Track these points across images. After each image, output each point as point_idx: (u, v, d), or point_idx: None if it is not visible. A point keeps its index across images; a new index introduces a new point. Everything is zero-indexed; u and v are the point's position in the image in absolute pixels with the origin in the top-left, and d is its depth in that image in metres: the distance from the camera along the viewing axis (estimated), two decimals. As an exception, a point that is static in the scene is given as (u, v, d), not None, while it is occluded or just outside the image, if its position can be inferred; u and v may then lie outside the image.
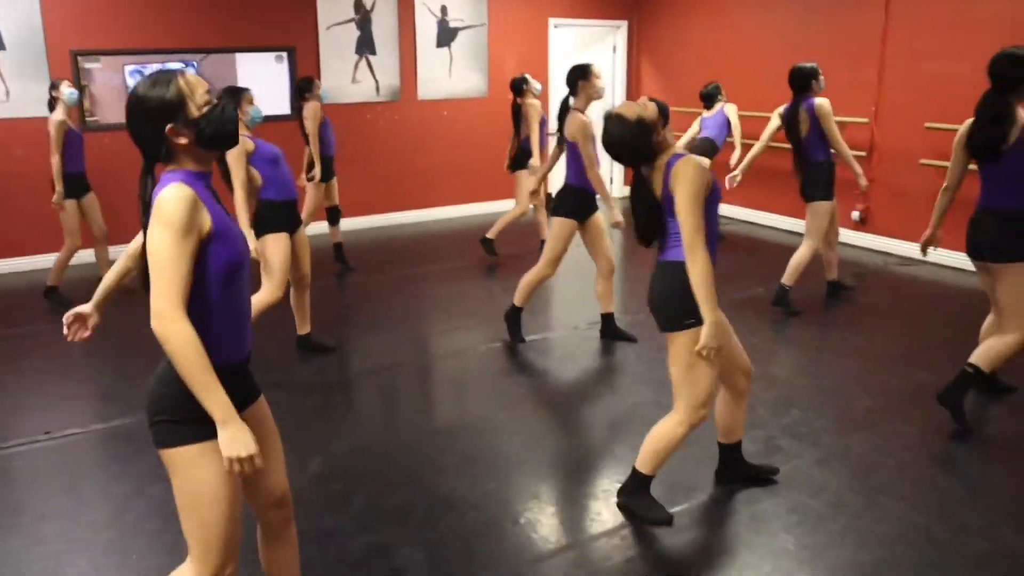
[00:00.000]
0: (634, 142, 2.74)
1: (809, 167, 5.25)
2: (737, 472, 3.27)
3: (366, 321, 5.52)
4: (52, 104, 5.72)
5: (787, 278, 5.30)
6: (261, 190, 4.37)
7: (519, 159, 6.90)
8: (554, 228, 4.73)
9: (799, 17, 7.48)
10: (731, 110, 7.22)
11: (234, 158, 4.23)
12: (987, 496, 3.21)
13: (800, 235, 7.24)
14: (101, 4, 6.89)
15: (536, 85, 6.83)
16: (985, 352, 3.66)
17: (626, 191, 9.46)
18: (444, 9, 8.28)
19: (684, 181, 2.64)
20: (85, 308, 2.28)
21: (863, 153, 6.95)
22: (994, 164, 3.55)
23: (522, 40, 8.80)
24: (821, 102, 5.10)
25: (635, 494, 3.05)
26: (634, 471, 3.03)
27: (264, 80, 7.64)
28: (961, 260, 6.37)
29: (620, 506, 3.09)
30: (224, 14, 7.37)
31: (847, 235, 7.20)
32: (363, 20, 7.89)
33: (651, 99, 2.86)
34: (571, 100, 4.76)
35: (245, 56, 7.88)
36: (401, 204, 8.54)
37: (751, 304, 5.56)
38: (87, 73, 7.02)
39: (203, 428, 1.88)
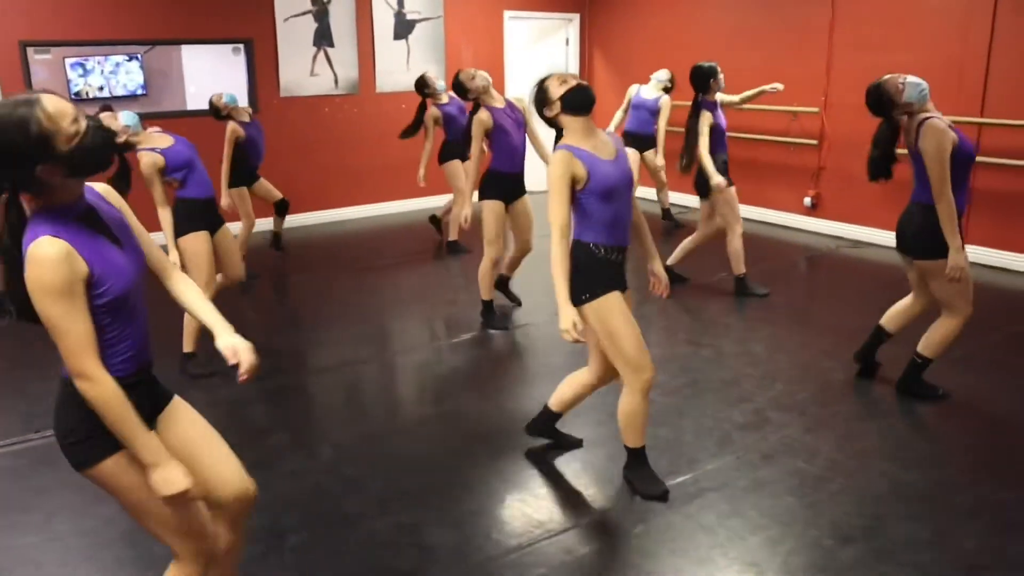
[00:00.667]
0: None
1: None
2: (546, 432, 3.47)
3: (339, 314, 5.52)
4: None
5: (735, 268, 5.51)
6: (178, 190, 4.33)
7: (447, 151, 6.92)
8: (484, 212, 4.94)
9: (750, 10, 7.71)
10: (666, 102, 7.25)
11: (148, 180, 4.18)
12: (967, 453, 3.43)
13: (767, 224, 7.54)
14: (51, -5, 6.71)
15: (439, 84, 6.85)
16: (928, 339, 3.81)
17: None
18: (401, 1, 8.27)
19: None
20: None
21: (814, 141, 7.23)
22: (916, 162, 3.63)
23: (478, 32, 8.86)
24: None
25: (634, 468, 3.16)
26: (626, 448, 3.16)
27: (216, 72, 7.54)
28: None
29: (625, 479, 3.20)
30: (179, 5, 7.24)
31: (800, 220, 7.48)
32: (320, 12, 7.83)
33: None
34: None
35: (192, 48, 7.76)
36: (360, 198, 8.51)
37: (721, 288, 5.74)
38: (36, 65, 6.83)
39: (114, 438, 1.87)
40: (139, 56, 8.07)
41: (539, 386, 4.29)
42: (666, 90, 7.22)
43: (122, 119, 4.25)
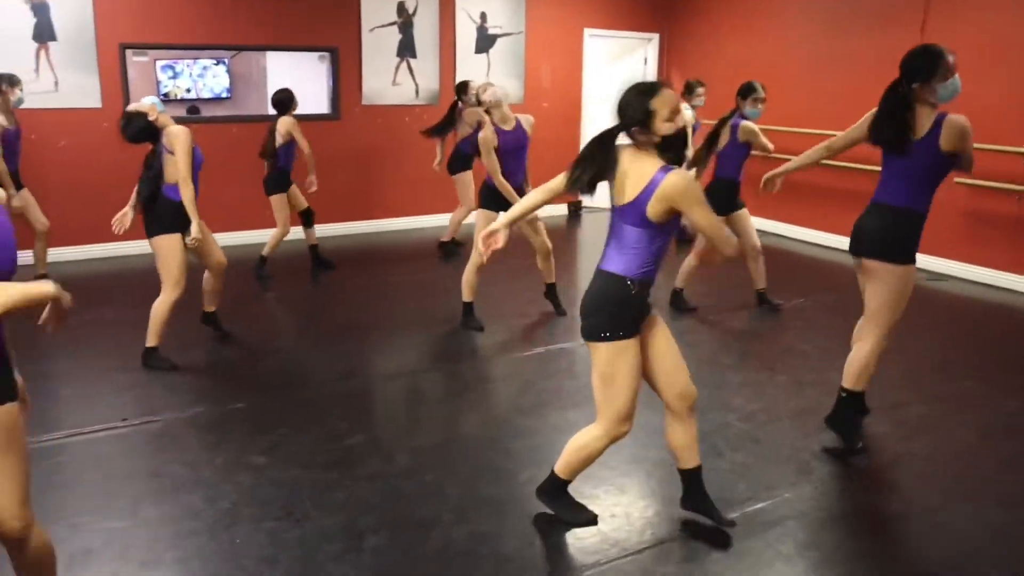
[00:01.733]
0: None
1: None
2: (694, 502, 3.04)
3: (410, 320, 5.58)
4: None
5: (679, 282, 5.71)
6: (165, 189, 4.46)
7: (456, 162, 7.09)
8: (478, 219, 5.24)
9: (834, 34, 7.60)
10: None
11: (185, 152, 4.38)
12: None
13: (824, 247, 7.39)
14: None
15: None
16: (847, 372, 3.62)
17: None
18: (484, 16, 8.37)
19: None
20: None
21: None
22: (899, 156, 3.40)
23: (558, 49, 8.91)
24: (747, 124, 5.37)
25: (554, 496, 3.05)
26: (552, 474, 3.02)
27: (300, 79, 7.71)
28: (992, 276, 6.52)
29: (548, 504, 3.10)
30: (266, 13, 7.42)
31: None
32: (405, 24, 7.97)
33: None
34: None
35: (277, 55, 7.96)
36: (436, 207, 8.60)
37: (798, 314, 5.66)
38: (132, 67, 7.08)
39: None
40: (226, 60, 8.30)
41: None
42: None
43: (145, 101, 4.53)
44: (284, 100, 6.31)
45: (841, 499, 3.28)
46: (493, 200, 5.12)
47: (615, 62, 9.58)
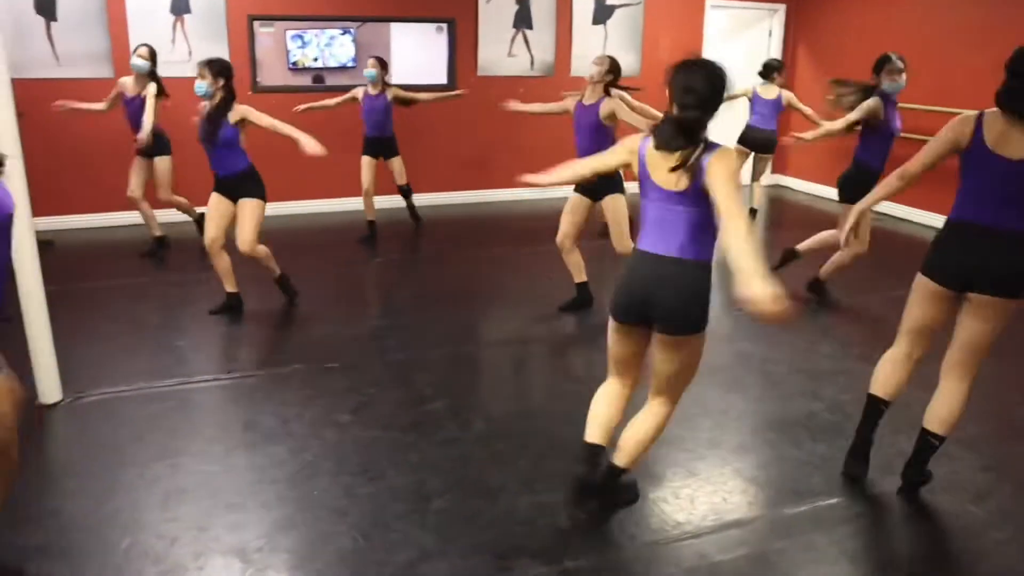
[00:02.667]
0: None
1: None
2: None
3: (516, 289, 5.67)
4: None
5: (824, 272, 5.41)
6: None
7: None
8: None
9: (975, 5, 7.10)
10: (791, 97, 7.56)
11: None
12: None
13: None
14: (279, -28, 7.25)
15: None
16: (940, 417, 3.12)
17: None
18: (602, -14, 8.29)
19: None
20: None
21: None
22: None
23: (678, 21, 8.72)
24: None
25: (616, 489, 2.99)
26: (614, 468, 2.91)
27: (420, 49, 7.88)
28: None
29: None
30: (389, -16, 7.61)
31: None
32: (522, -6, 8.00)
33: None
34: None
35: (400, 25, 8.12)
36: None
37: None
38: (257, 37, 7.41)
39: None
40: (352, 31, 8.55)
41: (707, 387, 4.24)
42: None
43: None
44: None
45: (921, 502, 3.15)
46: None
47: (737, 35, 9.29)
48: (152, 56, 6.06)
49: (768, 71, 7.55)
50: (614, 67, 4.98)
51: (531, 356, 4.63)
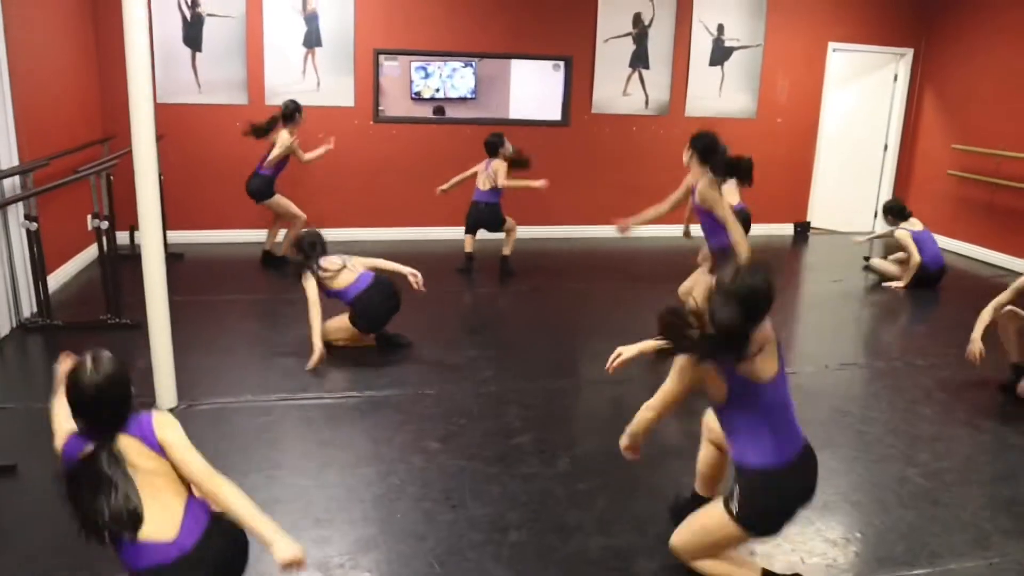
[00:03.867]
0: None
1: None
2: None
3: (607, 328, 5.71)
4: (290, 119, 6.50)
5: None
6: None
7: None
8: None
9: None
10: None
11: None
12: None
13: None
14: (401, 9, 7.59)
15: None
16: None
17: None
18: (721, 28, 8.29)
19: None
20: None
21: None
22: None
23: (798, 64, 8.62)
24: None
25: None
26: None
27: (537, 85, 8.07)
28: None
29: None
30: (507, 22, 7.85)
31: None
32: (640, 34, 8.09)
33: None
34: None
35: (519, 62, 8.33)
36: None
37: None
38: (382, 70, 7.77)
39: None
40: (474, 63, 8.82)
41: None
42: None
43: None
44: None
45: (1016, 580, 3.01)
46: None
47: (860, 78, 9.10)
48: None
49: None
50: (698, 147, 4.83)
51: (624, 396, 4.64)
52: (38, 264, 5.10)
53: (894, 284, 6.90)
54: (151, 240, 3.89)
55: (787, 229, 9.07)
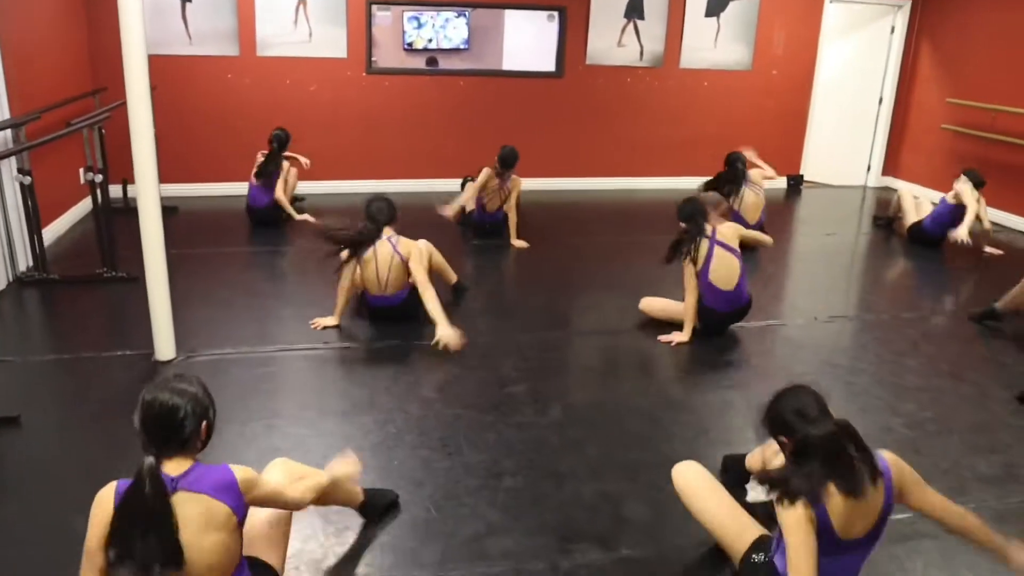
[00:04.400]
0: None
1: None
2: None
3: (602, 281, 5.77)
4: None
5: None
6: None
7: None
8: None
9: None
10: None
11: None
12: None
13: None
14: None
15: None
16: None
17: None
18: (718, -23, 8.21)
19: None
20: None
21: None
22: None
23: (794, 15, 8.54)
24: None
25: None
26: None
27: (531, 36, 8.01)
28: None
29: None
30: (505, -29, 7.75)
31: None
32: (635, -16, 8.01)
33: None
34: None
35: (513, 12, 8.24)
36: (647, 170, 8.67)
37: (1010, 320, 5.23)
38: (375, 20, 7.69)
39: None
40: (467, 13, 8.72)
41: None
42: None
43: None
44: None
45: (993, 528, 3.10)
46: None
47: (857, 30, 9.03)
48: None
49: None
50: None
51: (617, 347, 4.72)
52: (33, 218, 5.11)
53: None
54: (147, 193, 3.91)
55: (781, 182, 9.09)
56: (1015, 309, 5.03)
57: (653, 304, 4.94)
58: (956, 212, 6.53)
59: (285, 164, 6.60)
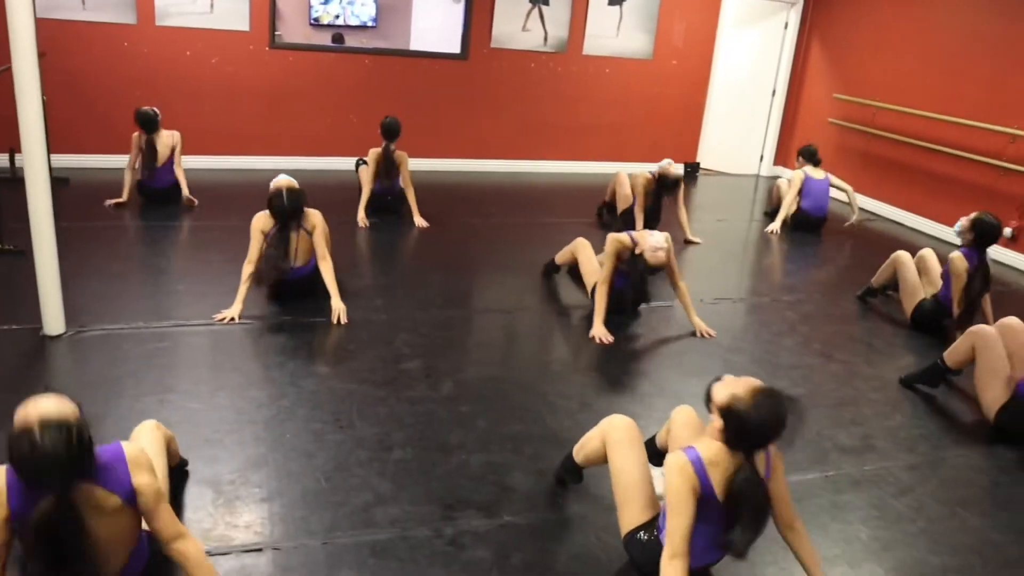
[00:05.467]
0: None
1: None
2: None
3: (500, 262, 5.91)
4: None
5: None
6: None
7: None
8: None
9: (988, 16, 7.14)
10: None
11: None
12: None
13: (940, 241, 7.13)
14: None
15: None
16: None
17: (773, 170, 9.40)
18: (621, -33, 8.40)
19: None
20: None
21: (1027, 169, 6.73)
22: None
23: (694, 7, 8.83)
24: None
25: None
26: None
27: (438, 17, 8.04)
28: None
29: None
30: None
31: (997, 251, 7.02)
32: (541, -30, 8.13)
33: None
34: None
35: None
36: (548, 153, 8.85)
37: (881, 303, 5.62)
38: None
39: None
40: (374, -8, 8.63)
41: (668, 370, 4.47)
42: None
43: (282, 177, 4.75)
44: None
45: (847, 492, 3.40)
46: None
47: (754, 24, 9.40)
48: None
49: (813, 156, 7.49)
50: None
51: (511, 325, 4.87)
52: (-89, 185, 4.91)
53: (771, 228, 7.31)
54: (35, 163, 3.82)
55: (677, 169, 9.39)
56: (884, 284, 5.56)
57: (585, 254, 5.19)
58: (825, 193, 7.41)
59: (176, 136, 6.43)
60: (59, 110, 6.84)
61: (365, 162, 6.60)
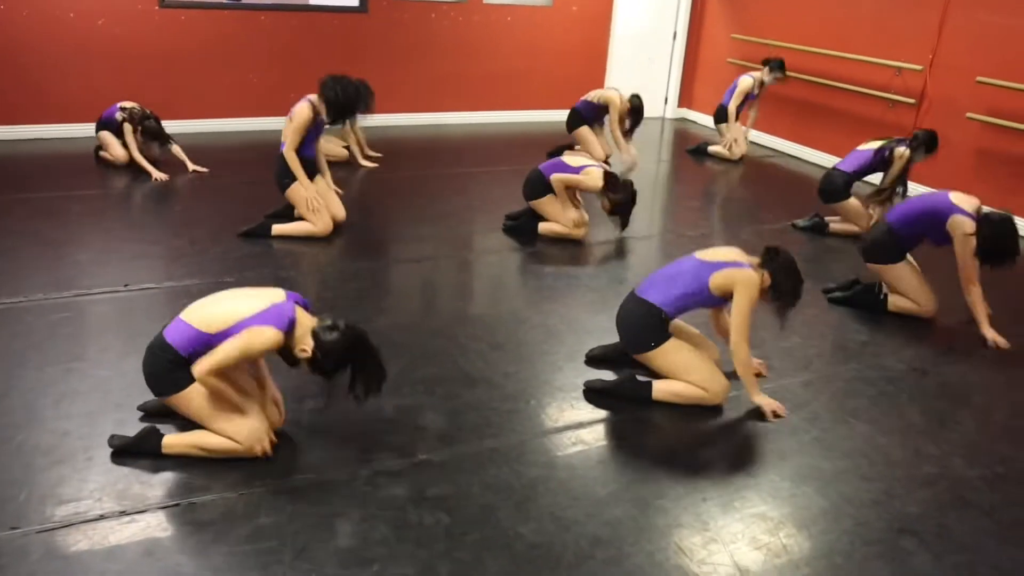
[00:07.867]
0: None
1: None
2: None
3: (411, 214, 5.93)
4: None
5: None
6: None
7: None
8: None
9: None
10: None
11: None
12: (949, 431, 3.56)
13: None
14: None
15: None
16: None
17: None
18: (516, -87, 8.35)
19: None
20: None
21: (913, 100, 7.04)
22: None
23: (590, -45, 8.86)
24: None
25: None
26: (645, 384, 3.56)
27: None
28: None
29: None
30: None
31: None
32: (437, -82, 8.01)
33: None
34: None
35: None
36: (454, 105, 8.82)
37: (780, 236, 5.85)
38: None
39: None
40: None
41: (573, 308, 4.59)
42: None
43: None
44: None
45: (747, 408, 3.59)
46: None
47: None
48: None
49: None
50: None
51: (429, 273, 4.91)
52: None
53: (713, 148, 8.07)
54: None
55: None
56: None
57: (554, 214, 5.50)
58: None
59: (119, 116, 6.34)
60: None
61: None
